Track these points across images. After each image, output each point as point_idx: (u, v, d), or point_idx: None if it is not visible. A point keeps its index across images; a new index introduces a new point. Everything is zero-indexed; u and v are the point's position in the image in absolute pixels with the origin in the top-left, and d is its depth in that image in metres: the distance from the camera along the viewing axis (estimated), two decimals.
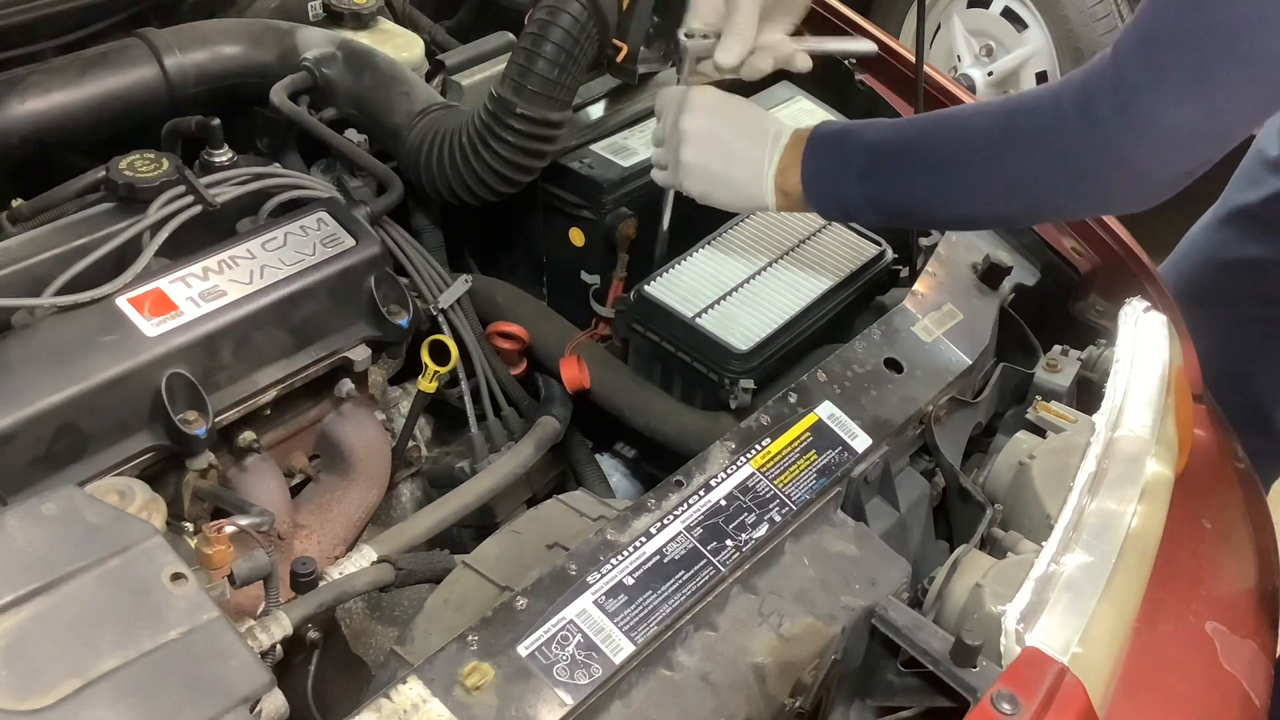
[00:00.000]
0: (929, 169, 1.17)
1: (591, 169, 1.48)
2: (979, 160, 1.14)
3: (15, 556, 0.82)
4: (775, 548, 1.10)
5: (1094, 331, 1.52)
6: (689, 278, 1.40)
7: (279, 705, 0.89)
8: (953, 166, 1.16)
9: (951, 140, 1.16)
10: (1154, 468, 1.26)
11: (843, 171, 1.22)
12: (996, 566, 1.12)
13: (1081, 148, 1.04)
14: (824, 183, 1.24)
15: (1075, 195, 1.11)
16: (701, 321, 1.34)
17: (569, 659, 0.93)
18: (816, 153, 1.23)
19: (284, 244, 1.33)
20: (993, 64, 3.53)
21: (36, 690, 0.76)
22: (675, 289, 1.38)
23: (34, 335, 1.17)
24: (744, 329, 1.34)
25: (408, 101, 1.49)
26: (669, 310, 1.35)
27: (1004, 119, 1.13)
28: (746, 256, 1.44)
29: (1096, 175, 1.06)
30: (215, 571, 1.00)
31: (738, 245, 1.45)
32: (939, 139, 1.17)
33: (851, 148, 1.22)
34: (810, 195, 1.24)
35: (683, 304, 1.36)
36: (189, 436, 1.18)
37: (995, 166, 1.13)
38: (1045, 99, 1.09)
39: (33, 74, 1.41)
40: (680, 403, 1.39)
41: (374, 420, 1.43)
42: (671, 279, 1.40)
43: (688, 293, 1.37)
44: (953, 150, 1.16)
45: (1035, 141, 1.09)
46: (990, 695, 0.94)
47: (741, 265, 1.42)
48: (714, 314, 1.36)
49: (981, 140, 1.14)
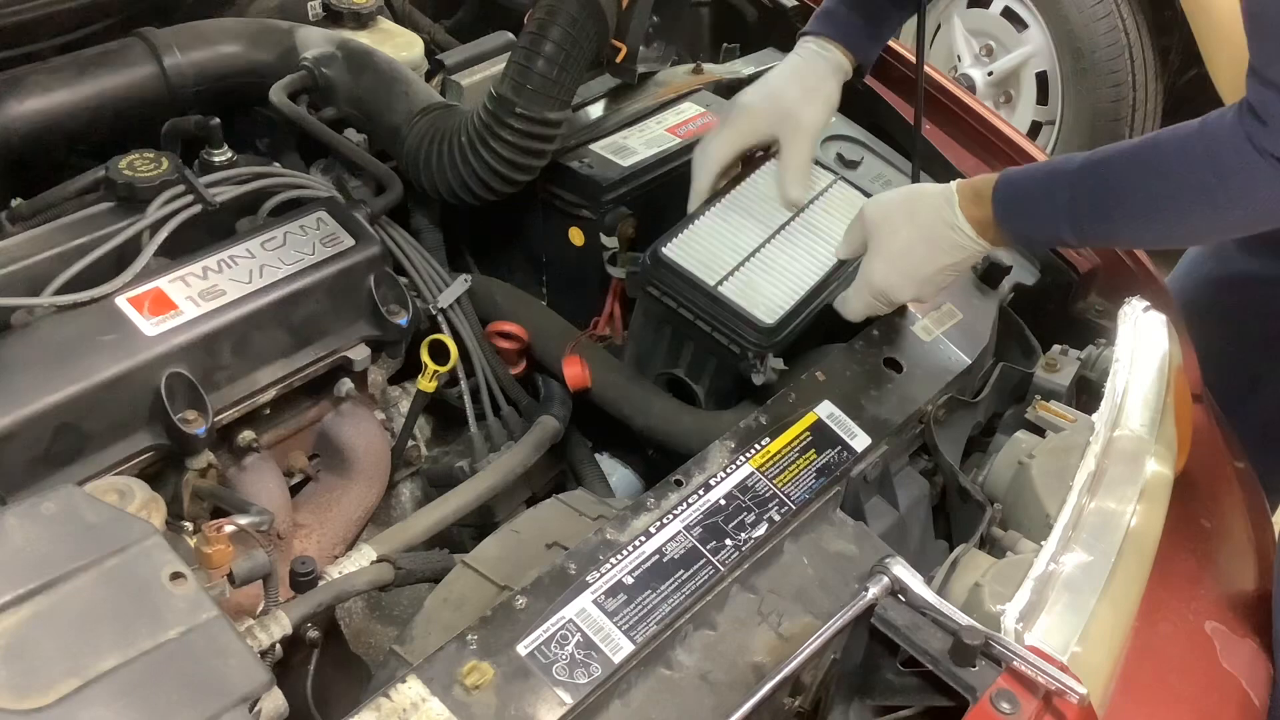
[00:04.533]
0: (1122, 200, 1.18)
1: (591, 168, 1.48)
2: (1167, 185, 1.15)
3: (14, 556, 0.82)
4: (774, 547, 1.10)
5: (1093, 331, 1.52)
6: (703, 239, 1.36)
7: (278, 704, 0.89)
8: (1148, 196, 1.17)
9: (1141, 163, 1.17)
10: (1153, 467, 1.26)
11: (1050, 214, 1.22)
12: (996, 566, 1.12)
13: (1249, 164, 1.07)
14: (1028, 225, 1.25)
15: (1250, 212, 1.14)
16: (724, 290, 1.31)
17: (568, 658, 0.93)
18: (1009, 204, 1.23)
19: (283, 243, 1.33)
20: (993, 64, 3.53)
21: (36, 689, 0.76)
22: (692, 252, 1.34)
23: (33, 335, 1.17)
24: (766, 300, 1.31)
25: (407, 101, 1.49)
26: (689, 276, 1.31)
27: (1191, 142, 1.13)
28: (757, 216, 1.40)
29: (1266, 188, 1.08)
30: (215, 571, 1.00)
31: (747, 204, 1.41)
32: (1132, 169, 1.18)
33: (1048, 190, 1.22)
34: (1012, 235, 1.26)
35: (702, 269, 1.32)
36: (188, 436, 1.17)
37: (1180, 187, 1.14)
38: (1227, 115, 1.10)
39: (33, 74, 1.41)
40: (680, 402, 1.38)
41: (373, 420, 1.43)
42: (687, 241, 1.35)
43: (705, 256, 1.34)
44: (1145, 180, 1.17)
45: (1207, 165, 1.10)
46: (989, 694, 0.94)
47: (754, 226, 1.39)
48: (735, 282, 1.32)
49: (1168, 164, 1.15)
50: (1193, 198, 1.14)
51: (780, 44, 1.89)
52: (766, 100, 1.41)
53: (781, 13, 1.92)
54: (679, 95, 1.67)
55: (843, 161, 1.65)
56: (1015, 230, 1.25)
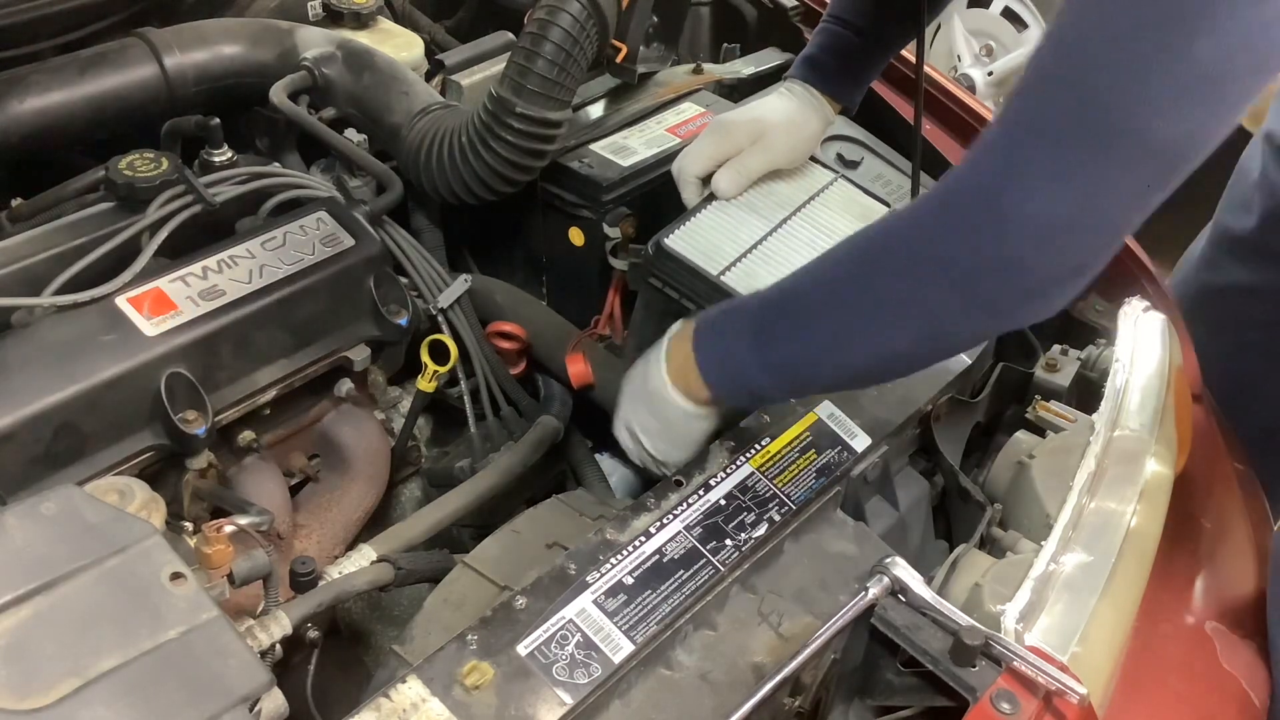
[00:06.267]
0: (812, 313, 1.05)
1: (591, 169, 1.48)
2: (858, 291, 1.02)
3: (14, 556, 0.82)
4: (774, 547, 1.10)
5: (1093, 331, 1.52)
6: (705, 232, 1.35)
7: (278, 704, 0.89)
8: (836, 305, 1.04)
9: (825, 281, 1.05)
10: (1153, 467, 1.26)
11: (735, 343, 1.09)
12: (996, 566, 1.12)
13: (953, 255, 0.93)
14: (719, 361, 1.11)
15: (963, 310, 0.96)
16: (726, 279, 1.30)
17: (568, 658, 0.93)
18: (705, 333, 1.12)
19: (283, 244, 1.33)
20: (993, 64, 3.54)
21: (36, 690, 0.76)
22: (694, 243, 1.34)
23: (33, 335, 1.17)
24: None
25: (407, 101, 1.49)
26: (691, 265, 1.31)
27: (873, 241, 1.02)
28: (759, 211, 1.40)
29: (978, 283, 0.93)
30: (215, 571, 1.00)
31: (748, 199, 1.41)
32: (813, 283, 1.06)
33: (737, 316, 1.11)
34: (709, 380, 1.11)
35: (704, 259, 1.31)
36: (188, 436, 1.18)
37: (876, 295, 1.00)
38: (910, 212, 1.00)
39: (33, 74, 1.41)
40: None
41: (373, 420, 1.43)
42: (689, 232, 1.35)
43: (707, 248, 1.33)
44: (833, 287, 1.04)
45: (910, 257, 0.97)
46: (989, 695, 0.94)
47: (755, 221, 1.39)
48: (737, 271, 1.31)
49: (857, 269, 1.03)
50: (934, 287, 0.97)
51: (780, 44, 1.90)
52: (749, 123, 1.41)
53: (781, 13, 1.92)
54: (679, 95, 1.67)
55: (843, 161, 1.65)
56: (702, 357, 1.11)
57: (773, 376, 1.07)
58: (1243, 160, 1.83)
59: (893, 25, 1.44)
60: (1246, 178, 1.80)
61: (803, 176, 1.48)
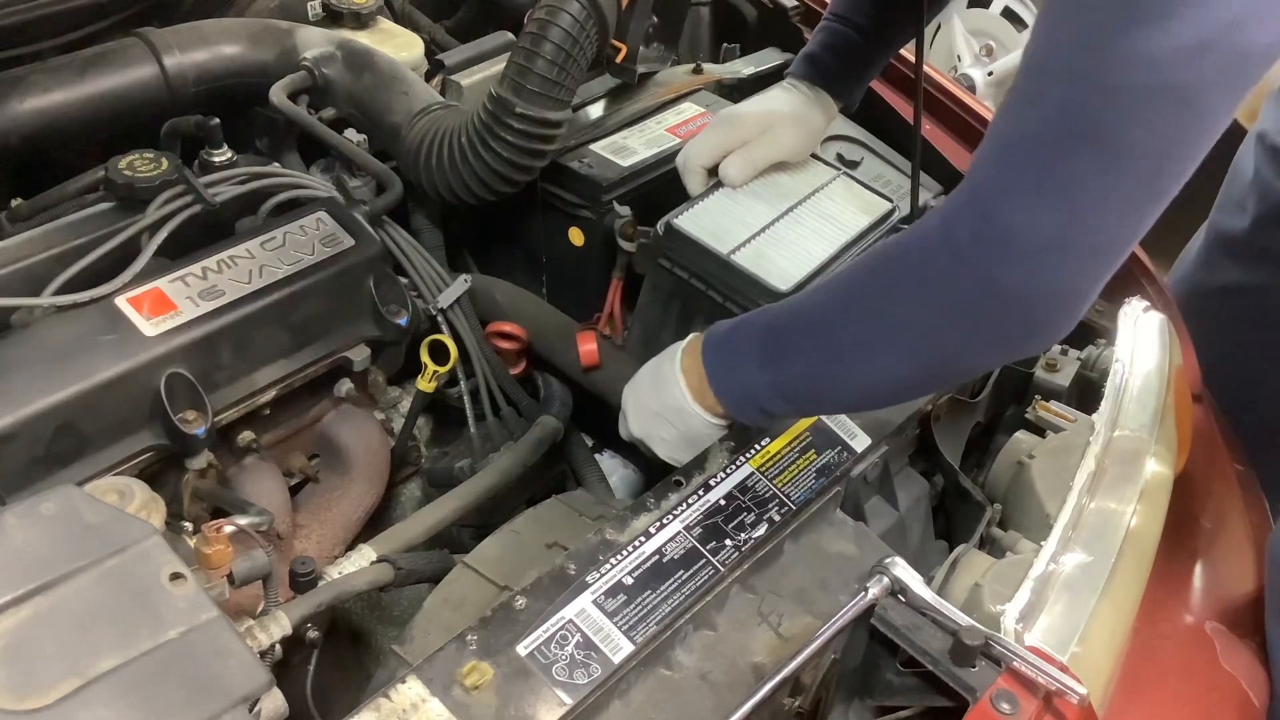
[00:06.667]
0: (816, 335, 1.05)
1: (591, 168, 1.48)
2: (860, 315, 1.02)
3: (14, 556, 0.82)
4: (774, 547, 1.10)
5: (1093, 331, 1.52)
6: (713, 215, 1.36)
7: (278, 705, 0.89)
8: (839, 328, 1.04)
9: (833, 300, 1.06)
10: (1153, 467, 1.26)
11: (743, 363, 1.11)
12: (996, 566, 1.12)
13: (952, 278, 0.93)
14: (728, 379, 1.13)
15: (967, 339, 0.96)
16: (737, 259, 1.30)
17: (568, 658, 0.93)
18: (714, 351, 1.14)
19: (283, 244, 1.33)
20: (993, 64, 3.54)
21: (36, 690, 0.76)
22: (703, 225, 1.34)
23: (33, 335, 1.17)
24: (780, 269, 1.31)
25: (407, 101, 1.49)
26: (702, 245, 1.31)
27: (875, 264, 1.02)
28: (765, 199, 1.41)
29: (976, 308, 0.93)
30: (214, 571, 1.00)
31: (754, 187, 1.42)
32: (822, 303, 1.07)
33: (745, 335, 1.12)
34: (721, 397, 1.13)
35: (715, 240, 1.32)
36: (188, 436, 1.17)
37: (878, 319, 1.00)
38: (912, 234, 0.99)
39: (33, 74, 1.41)
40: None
41: (373, 420, 1.43)
42: (698, 214, 1.35)
43: (716, 229, 1.33)
44: (837, 310, 1.05)
45: (909, 282, 0.97)
46: (989, 695, 0.94)
47: (762, 207, 1.40)
48: (747, 252, 1.32)
49: (859, 292, 1.03)
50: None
51: (780, 44, 1.90)
52: (757, 115, 1.43)
53: (781, 13, 1.92)
54: (679, 95, 1.67)
55: (843, 161, 1.65)
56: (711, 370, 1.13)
57: (781, 397, 1.10)
58: (1237, 160, 1.83)
59: (893, 24, 1.45)
60: (1241, 178, 1.80)
61: (806, 171, 1.49)
